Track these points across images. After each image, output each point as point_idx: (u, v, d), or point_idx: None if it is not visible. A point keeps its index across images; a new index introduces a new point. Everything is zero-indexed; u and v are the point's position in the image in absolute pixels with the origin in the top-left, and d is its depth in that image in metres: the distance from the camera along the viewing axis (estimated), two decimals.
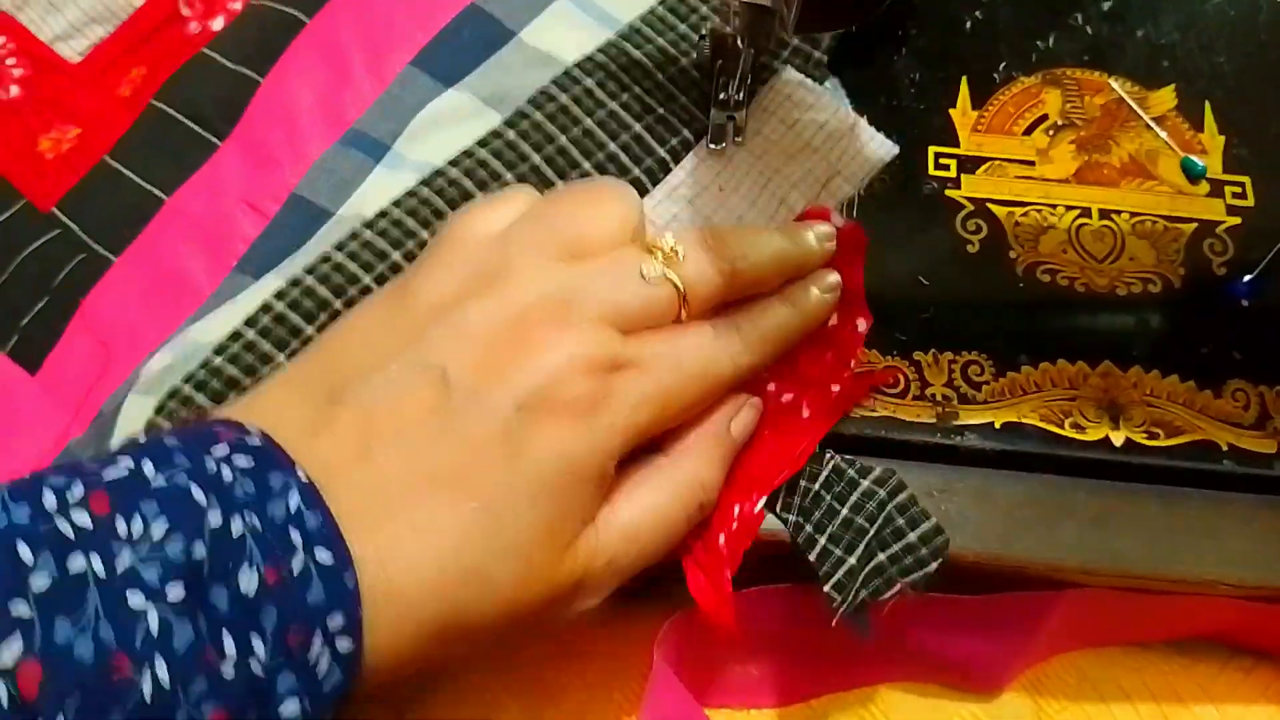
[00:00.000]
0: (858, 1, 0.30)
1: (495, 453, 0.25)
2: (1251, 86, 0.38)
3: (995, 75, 0.38)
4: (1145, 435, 0.32)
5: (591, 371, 0.26)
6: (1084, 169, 0.36)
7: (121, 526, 0.21)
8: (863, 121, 0.36)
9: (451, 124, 0.35)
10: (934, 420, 0.32)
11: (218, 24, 0.39)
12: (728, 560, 0.29)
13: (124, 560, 0.20)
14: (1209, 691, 0.34)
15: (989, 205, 0.35)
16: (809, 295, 0.32)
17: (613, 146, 0.34)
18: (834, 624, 0.29)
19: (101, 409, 0.32)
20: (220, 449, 0.23)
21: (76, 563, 0.20)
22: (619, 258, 0.29)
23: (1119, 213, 0.35)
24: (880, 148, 0.36)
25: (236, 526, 0.22)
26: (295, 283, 0.32)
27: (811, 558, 0.30)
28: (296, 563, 0.22)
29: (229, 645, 0.21)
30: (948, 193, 0.35)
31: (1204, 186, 0.36)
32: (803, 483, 0.31)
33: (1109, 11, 0.39)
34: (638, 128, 0.35)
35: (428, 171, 0.34)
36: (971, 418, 0.32)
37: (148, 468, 0.22)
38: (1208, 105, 0.37)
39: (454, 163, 0.34)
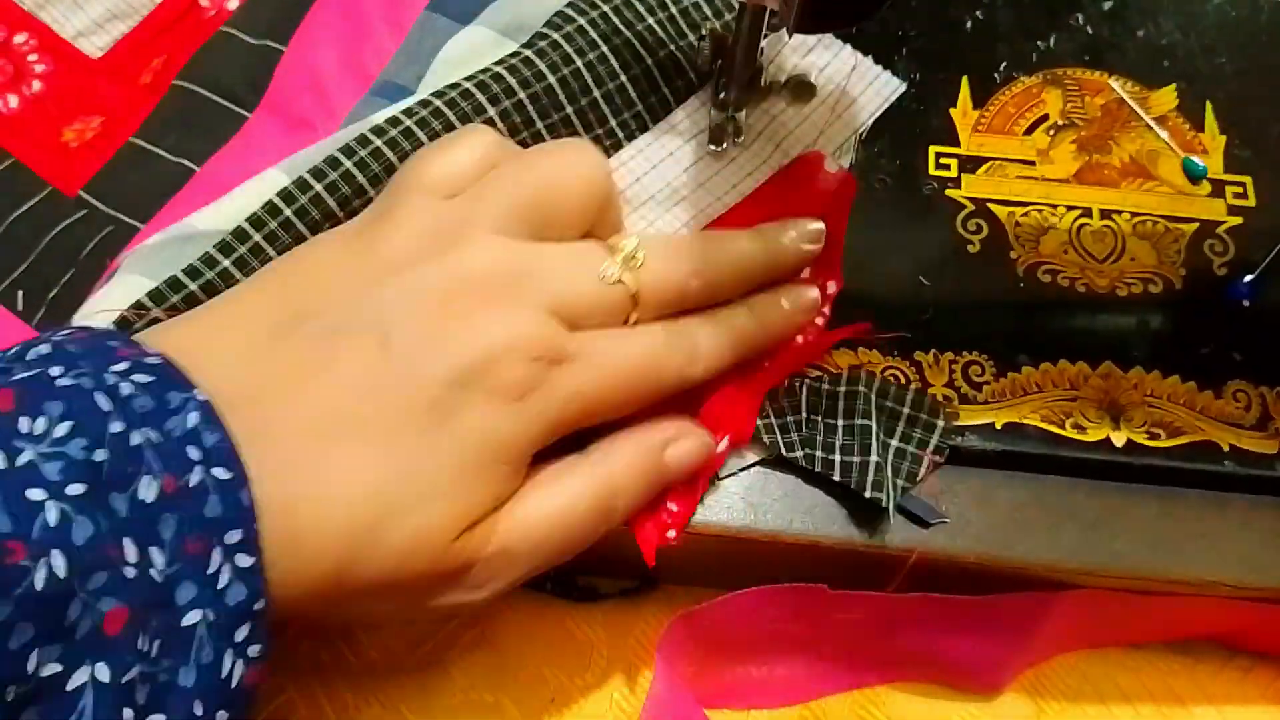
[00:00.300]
0: (858, 1, 0.30)
1: (420, 420, 0.25)
2: (1253, 86, 0.38)
3: (996, 75, 0.38)
4: (1146, 436, 0.32)
5: (530, 358, 0.26)
6: (1085, 169, 0.36)
7: (25, 423, 0.21)
8: (867, 61, 0.36)
9: (473, 59, 0.35)
10: None
11: (233, 4, 0.40)
12: (683, 495, 0.30)
13: (25, 456, 0.20)
14: (1208, 692, 0.34)
15: (989, 205, 0.35)
16: (776, 309, 0.31)
17: (624, 78, 0.34)
18: (893, 519, 0.30)
19: None
20: (119, 365, 0.23)
21: None
22: (579, 251, 0.29)
23: (1120, 213, 0.35)
24: (886, 86, 0.35)
25: (135, 437, 0.22)
26: (303, 186, 0.31)
27: (837, 478, 0.30)
28: (194, 476, 0.22)
29: (129, 550, 0.21)
30: (948, 193, 0.35)
31: (1205, 187, 0.36)
32: (790, 418, 0.31)
33: (1110, 11, 0.39)
34: (649, 61, 0.35)
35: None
36: (972, 418, 0.32)
37: (54, 369, 0.22)
38: (1209, 105, 0.37)
39: (469, 77, 0.33)
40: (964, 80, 0.38)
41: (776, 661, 0.34)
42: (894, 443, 0.31)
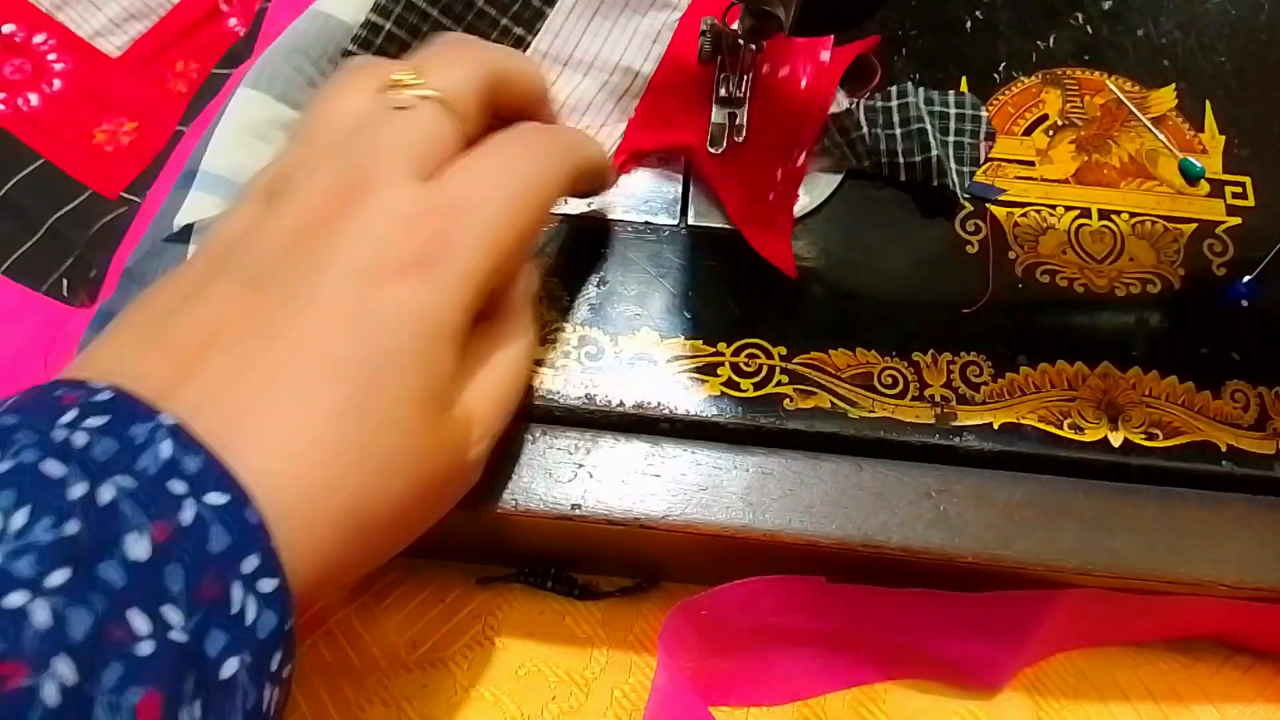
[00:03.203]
0: (857, 2, 0.30)
1: (343, 328, 0.24)
2: (1252, 86, 0.38)
3: (995, 75, 0.38)
4: (1144, 436, 0.32)
5: (414, 224, 0.25)
6: (1084, 169, 0.36)
7: None
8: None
9: None
10: (932, 421, 0.32)
11: None
12: (781, 209, 0.34)
13: None
14: (1207, 690, 0.34)
15: (988, 205, 0.35)
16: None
17: None
18: (962, 201, 0.35)
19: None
20: (67, 416, 0.21)
21: None
22: (366, 109, 0.27)
23: (1119, 213, 0.35)
24: None
25: (105, 493, 0.20)
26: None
27: (903, 178, 0.35)
28: (186, 514, 0.20)
29: (138, 622, 0.19)
30: (947, 193, 0.35)
31: (1204, 186, 0.36)
32: (854, 134, 0.35)
33: (1109, 11, 0.39)
34: None
35: None
36: (970, 418, 0.32)
37: None
38: (1208, 105, 0.37)
39: None
40: (963, 80, 0.38)
41: (776, 658, 0.34)
42: (950, 138, 0.35)
